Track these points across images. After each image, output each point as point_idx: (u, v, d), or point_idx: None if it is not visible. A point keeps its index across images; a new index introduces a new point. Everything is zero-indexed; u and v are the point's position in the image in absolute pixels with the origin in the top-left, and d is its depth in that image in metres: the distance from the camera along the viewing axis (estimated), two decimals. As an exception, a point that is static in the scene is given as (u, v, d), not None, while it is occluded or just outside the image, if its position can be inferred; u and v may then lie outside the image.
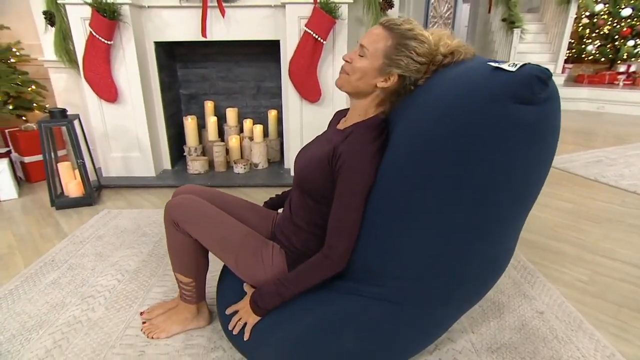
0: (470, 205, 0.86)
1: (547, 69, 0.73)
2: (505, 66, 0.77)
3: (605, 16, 5.97)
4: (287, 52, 2.44)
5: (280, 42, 2.54)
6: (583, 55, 6.31)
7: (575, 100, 5.72)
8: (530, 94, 0.73)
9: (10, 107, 2.45)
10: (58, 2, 2.33)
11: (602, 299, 1.49)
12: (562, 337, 1.27)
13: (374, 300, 1.01)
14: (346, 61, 1.00)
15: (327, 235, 1.01)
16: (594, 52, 6.15)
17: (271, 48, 2.72)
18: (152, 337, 1.26)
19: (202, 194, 1.25)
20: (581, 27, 6.28)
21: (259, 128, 2.79)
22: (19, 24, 2.79)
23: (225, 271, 1.29)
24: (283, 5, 2.36)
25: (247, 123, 2.94)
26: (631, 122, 4.90)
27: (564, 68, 6.14)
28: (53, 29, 2.50)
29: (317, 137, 1.18)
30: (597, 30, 6.10)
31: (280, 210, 1.38)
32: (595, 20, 6.10)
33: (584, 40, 6.29)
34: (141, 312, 1.37)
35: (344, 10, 2.32)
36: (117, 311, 1.41)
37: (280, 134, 3.00)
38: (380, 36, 0.93)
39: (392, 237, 0.96)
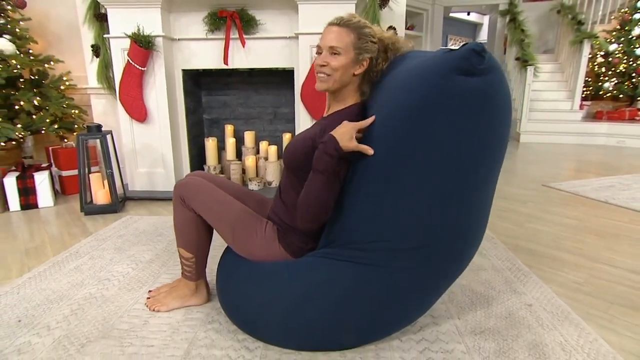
0: (430, 173, 0.97)
1: (481, 44, 0.87)
2: (453, 47, 0.92)
3: (620, 55, 6.05)
4: (299, 78, 2.68)
5: (294, 69, 2.79)
6: (601, 93, 6.34)
7: (595, 135, 5.70)
8: (469, 65, 0.87)
9: (56, 126, 2.76)
10: (104, 36, 2.70)
11: (594, 297, 1.50)
12: (547, 325, 1.30)
13: (360, 265, 1.09)
14: (322, 65, 1.11)
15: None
16: (611, 89, 6.18)
17: (287, 77, 2.98)
18: (153, 310, 1.38)
19: (211, 180, 1.41)
20: (597, 66, 6.37)
21: (273, 148, 2.99)
22: (71, 58, 3.19)
23: (227, 250, 1.41)
24: (297, 36, 2.64)
25: (263, 144, 3.15)
26: (653, 155, 4.82)
27: (581, 105, 6.18)
28: (97, 59, 2.86)
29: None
30: (612, 69, 6.16)
31: None
32: (610, 59, 6.19)
33: (601, 77, 6.35)
34: (149, 290, 1.50)
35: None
36: (128, 291, 1.54)
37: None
38: (343, 33, 1.10)
39: (368, 207, 1.06)
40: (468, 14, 9.30)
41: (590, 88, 6.47)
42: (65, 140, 3.13)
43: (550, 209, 2.60)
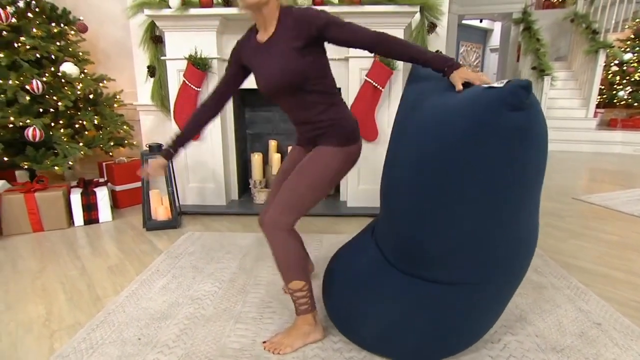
0: (485, 197, 1.11)
1: (527, 80, 1.01)
2: (495, 84, 1.06)
3: (635, 64, 6.19)
4: (348, 98, 2.81)
5: (342, 89, 2.92)
6: (615, 101, 6.49)
7: (609, 144, 5.85)
8: (518, 101, 1.01)
9: (112, 144, 2.89)
10: (161, 58, 2.82)
11: (655, 315, 1.63)
12: (622, 345, 1.43)
13: (444, 285, 1.26)
14: None
15: None
16: (626, 97, 6.33)
17: (330, 94, 3.10)
18: (279, 353, 1.37)
19: (277, 183, 1.57)
20: (611, 75, 6.52)
21: (317, 164, 3.12)
22: (119, 75, 3.32)
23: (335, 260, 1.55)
24: (347, 59, 2.76)
25: (306, 159, 3.27)
26: (669, 164, 4.97)
27: (595, 112, 6.32)
28: (152, 79, 2.98)
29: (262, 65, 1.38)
30: (627, 77, 6.31)
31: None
32: (624, 67, 6.33)
33: (615, 86, 6.49)
34: (263, 342, 1.44)
35: (399, 63, 2.69)
36: (223, 310, 1.66)
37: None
38: None
39: (444, 231, 1.20)
40: (480, 21, 9.42)
41: (604, 96, 6.62)
42: (110, 154, 3.25)
43: (588, 224, 2.73)
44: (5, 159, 2.50)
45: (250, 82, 1.44)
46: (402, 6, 2.53)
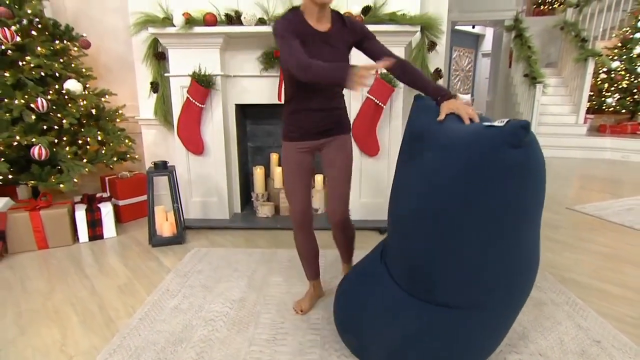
0: (487, 227, 1.20)
1: (526, 121, 1.09)
2: (495, 123, 1.14)
3: (622, 72, 6.36)
4: (350, 114, 2.86)
5: (343, 105, 2.97)
6: (604, 107, 6.66)
7: (599, 150, 5.99)
8: (517, 140, 1.09)
9: (115, 159, 2.90)
10: (165, 75, 2.85)
11: (650, 331, 1.71)
12: (619, 362, 1.51)
13: (454, 309, 1.33)
14: None
15: None
16: (614, 104, 6.49)
17: (331, 109, 3.15)
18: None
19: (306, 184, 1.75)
20: (599, 82, 6.68)
21: (319, 177, 3.17)
22: (120, 88, 3.32)
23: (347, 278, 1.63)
24: (348, 76, 2.81)
25: (307, 172, 3.32)
26: (657, 171, 5.12)
27: (585, 119, 6.48)
28: (155, 95, 3.00)
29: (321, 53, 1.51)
30: (615, 85, 6.47)
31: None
32: (612, 75, 6.49)
33: (603, 93, 6.66)
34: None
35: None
36: (237, 333, 1.70)
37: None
38: None
39: (439, 256, 1.29)
40: (473, 27, 9.55)
41: (594, 102, 6.78)
42: (111, 167, 3.25)
43: (581, 236, 2.83)
44: (10, 176, 2.50)
45: (256, 97, 1.51)
46: (404, 25, 2.60)
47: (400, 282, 1.45)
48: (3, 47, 2.44)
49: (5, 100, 2.41)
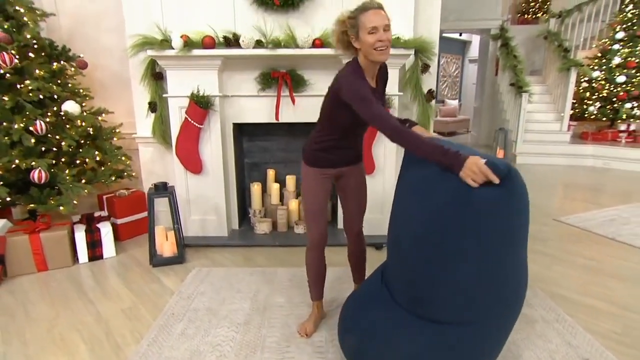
0: (473, 256, 1.32)
1: (503, 161, 1.20)
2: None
3: (603, 82, 6.59)
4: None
5: (339, 123, 3.04)
6: (586, 115, 6.88)
7: (582, 157, 6.20)
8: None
9: (113, 178, 2.91)
10: (163, 96, 2.87)
11: (635, 348, 1.83)
12: (606, 380, 1.61)
13: (454, 325, 1.44)
14: (381, 41, 1.47)
15: None
16: (595, 112, 6.72)
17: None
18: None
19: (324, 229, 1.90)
20: (582, 90, 6.90)
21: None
22: (116, 105, 3.33)
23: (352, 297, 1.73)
24: (344, 97, 2.89)
25: (304, 188, 3.38)
26: (637, 178, 5.33)
27: (569, 126, 6.69)
28: (153, 114, 3.02)
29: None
30: (596, 94, 6.70)
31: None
32: (594, 84, 6.72)
33: (585, 101, 6.88)
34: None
35: (395, 101, 2.84)
36: (245, 358, 1.76)
37: (335, 197, 3.43)
38: (384, 13, 1.49)
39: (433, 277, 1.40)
40: (460, 34, 9.74)
41: (577, 110, 7.00)
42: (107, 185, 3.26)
43: (568, 248, 2.96)
44: (8, 199, 2.50)
45: (253, 117, 1.57)
46: (398, 49, 2.68)
47: (401, 302, 1.54)
48: (2, 72, 2.44)
49: (4, 123, 2.41)
